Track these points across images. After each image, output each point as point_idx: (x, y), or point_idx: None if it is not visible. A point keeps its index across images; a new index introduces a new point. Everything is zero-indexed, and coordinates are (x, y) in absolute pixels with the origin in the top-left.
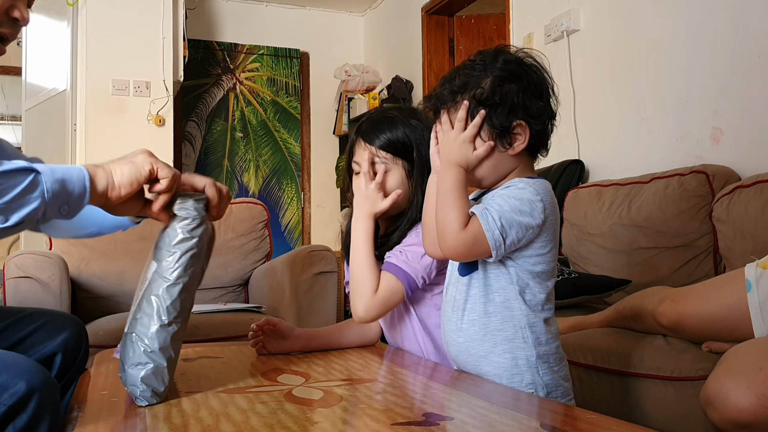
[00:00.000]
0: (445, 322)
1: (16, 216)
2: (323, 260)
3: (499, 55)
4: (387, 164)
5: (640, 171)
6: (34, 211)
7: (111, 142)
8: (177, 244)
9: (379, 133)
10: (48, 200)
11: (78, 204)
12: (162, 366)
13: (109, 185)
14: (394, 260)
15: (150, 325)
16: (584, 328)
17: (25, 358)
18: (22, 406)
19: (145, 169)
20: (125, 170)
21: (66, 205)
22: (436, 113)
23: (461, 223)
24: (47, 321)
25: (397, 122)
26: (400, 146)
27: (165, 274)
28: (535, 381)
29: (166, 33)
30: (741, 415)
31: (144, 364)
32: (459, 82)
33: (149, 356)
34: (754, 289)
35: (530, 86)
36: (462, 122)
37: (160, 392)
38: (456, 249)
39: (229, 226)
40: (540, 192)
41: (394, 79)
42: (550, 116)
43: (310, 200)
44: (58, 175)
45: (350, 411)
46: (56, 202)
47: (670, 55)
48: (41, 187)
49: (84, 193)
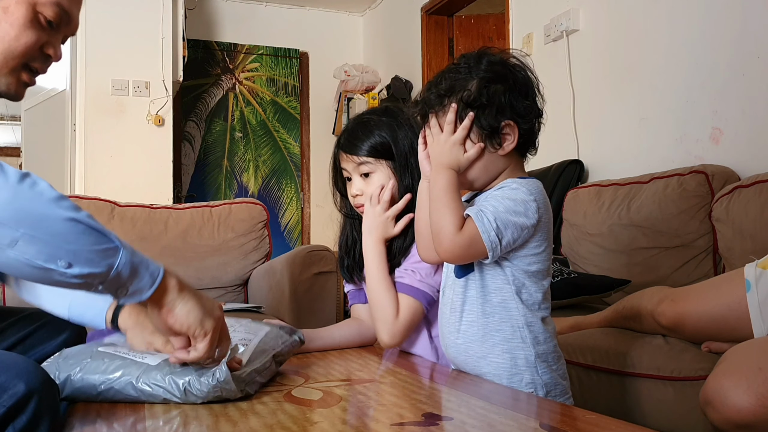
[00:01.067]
0: (443, 324)
1: (79, 269)
2: (323, 260)
3: (483, 56)
4: (371, 167)
5: (639, 171)
6: (94, 276)
7: (110, 142)
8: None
9: (357, 142)
10: (111, 275)
11: (135, 293)
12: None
13: (169, 305)
14: (408, 281)
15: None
16: (584, 328)
17: (24, 358)
18: (21, 407)
19: (206, 328)
20: (192, 314)
21: (124, 289)
22: (424, 118)
23: (456, 226)
24: (47, 321)
25: (372, 126)
26: (379, 147)
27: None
28: (534, 380)
29: (166, 33)
30: (740, 415)
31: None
32: (445, 85)
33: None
34: (753, 289)
35: (516, 86)
36: (451, 125)
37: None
38: (452, 252)
39: (228, 226)
40: (533, 192)
41: (393, 79)
42: (537, 115)
43: (309, 200)
44: (137, 260)
45: (350, 411)
46: (117, 282)
47: (669, 55)
48: (118, 259)
49: (148, 290)
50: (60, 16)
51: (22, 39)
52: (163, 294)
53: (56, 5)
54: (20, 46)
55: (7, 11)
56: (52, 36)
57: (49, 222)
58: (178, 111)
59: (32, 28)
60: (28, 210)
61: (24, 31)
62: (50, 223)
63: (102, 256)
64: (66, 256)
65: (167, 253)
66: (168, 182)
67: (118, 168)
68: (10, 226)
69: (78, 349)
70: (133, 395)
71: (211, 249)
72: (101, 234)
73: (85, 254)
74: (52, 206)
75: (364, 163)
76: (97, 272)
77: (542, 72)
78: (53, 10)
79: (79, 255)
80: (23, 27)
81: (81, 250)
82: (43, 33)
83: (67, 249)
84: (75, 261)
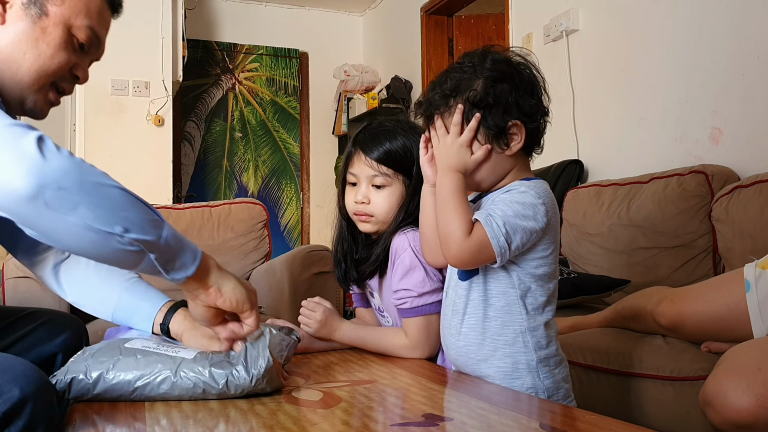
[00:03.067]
0: (445, 326)
1: (135, 234)
2: (322, 260)
3: (487, 55)
4: (387, 179)
5: (639, 171)
6: (148, 244)
7: (110, 142)
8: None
9: (378, 145)
10: (162, 244)
11: (181, 268)
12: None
13: (216, 285)
14: (408, 305)
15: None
16: (583, 328)
17: (22, 361)
18: (16, 413)
19: (252, 301)
20: (237, 290)
21: (172, 262)
22: (429, 119)
23: (465, 231)
24: (47, 321)
25: (397, 135)
26: (400, 159)
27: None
28: (536, 385)
29: (165, 33)
30: (740, 415)
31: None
32: (450, 85)
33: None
34: (753, 289)
35: (522, 84)
36: (458, 126)
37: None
38: (461, 257)
39: (228, 226)
40: (541, 195)
41: (393, 79)
42: (544, 113)
43: (309, 200)
44: (179, 235)
45: (350, 412)
46: (167, 252)
47: (669, 55)
48: (164, 231)
49: (191, 265)
50: (92, 40)
51: (56, 59)
52: (207, 273)
53: (89, 29)
54: (54, 65)
55: (45, 31)
56: (82, 59)
57: (105, 189)
58: (177, 111)
59: (66, 50)
60: (86, 178)
61: (59, 51)
62: (107, 190)
63: (152, 225)
64: (122, 222)
65: None
66: (168, 182)
67: (118, 168)
68: (72, 191)
69: (104, 346)
70: (169, 392)
71: (211, 249)
72: (147, 206)
73: (139, 221)
74: (105, 177)
75: (381, 175)
76: (150, 239)
77: (542, 72)
78: (86, 34)
79: (134, 222)
80: (58, 48)
81: (135, 218)
82: (74, 55)
83: (122, 215)
84: (131, 227)
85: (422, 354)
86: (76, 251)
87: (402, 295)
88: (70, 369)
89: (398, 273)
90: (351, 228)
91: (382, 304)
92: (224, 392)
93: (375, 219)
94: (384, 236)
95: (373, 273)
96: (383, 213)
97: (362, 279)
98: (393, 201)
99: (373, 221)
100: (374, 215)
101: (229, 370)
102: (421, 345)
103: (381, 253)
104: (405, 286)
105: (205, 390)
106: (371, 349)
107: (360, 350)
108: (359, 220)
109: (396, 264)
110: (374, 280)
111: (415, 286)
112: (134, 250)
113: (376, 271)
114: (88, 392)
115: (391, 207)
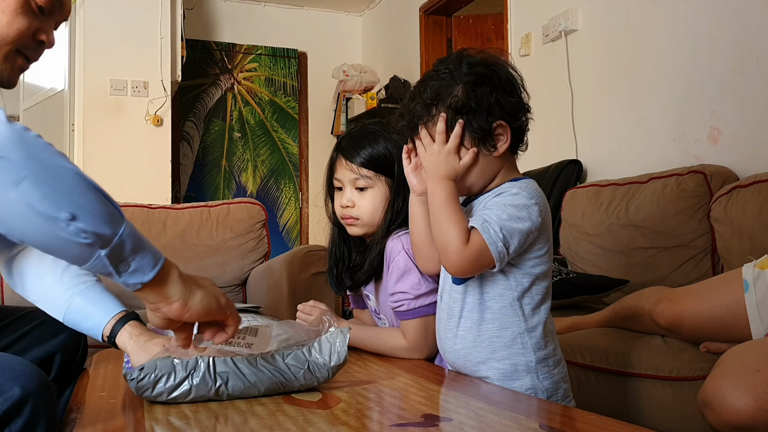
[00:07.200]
0: (440, 330)
1: (83, 224)
2: (321, 260)
3: (462, 59)
4: (369, 181)
5: (638, 171)
6: (99, 237)
7: (109, 142)
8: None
9: (359, 150)
10: (116, 240)
11: (137, 271)
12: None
13: (182, 299)
14: (405, 307)
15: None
16: (582, 328)
17: (21, 360)
18: (17, 411)
19: (222, 304)
20: (204, 299)
21: (126, 264)
22: (413, 130)
23: (462, 240)
24: (46, 321)
25: (378, 137)
26: (382, 162)
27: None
28: (535, 385)
29: (164, 33)
30: (738, 417)
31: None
32: (430, 94)
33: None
34: (751, 290)
35: (501, 84)
36: (443, 134)
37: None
38: (461, 266)
39: (227, 226)
40: (533, 195)
41: (392, 79)
42: (526, 111)
43: (308, 200)
44: (141, 236)
45: (349, 413)
46: (121, 251)
47: (668, 54)
48: (121, 228)
49: (150, 271)
50: (52, 3)
51: (15, 25)
52: (166, 283)
53: None
54: (12, 32)
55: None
56: (45, 22)
57: (56, 169)
58: (176, 111)
59: (24, 15)
60: (35, 153)
61: (16, 17)
62: (58, 170)
63: (107, 219)
64: (70, 207)
65: (166, 253)
66: (166, 182)
67: (117, 168)
68: (16, 163)
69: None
70: (240, 386)
71: (210, 249)
72: (107, 198)
73: (91, 211)
74: (60, 157)
75: (362, 177)
76: (101, 233)
77: (540, 72)
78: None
79: (85, 209)
80: (15, 13)
81: (86, 206)
82: (35, 19)
83: (72, 200)
84: (80, 214)
85: (420, 355)
86: (18, 237)
87: (398, 298)
88: (158, 367)
89: (393, 276)
90: (343, 233)
91: (378, 307)
92: (301, 384)
93: (361, 221)
94: (377, 241)
95: (367, 280)
96: (368, 215)
97: (357, 286)
98: (377, 202)
99: (359, 224)
100: (360, 218)
101: (307, 363)
102: (420, 346)
103: (375, 260)
104: (401, 288)
105: (281, 382)
106: (370, 350)
107: (359, 351)
108: (347, 224)
109: (391, 267)
110: (369, 284)
111: (411, 288)
112: (82, 243)
113: (370, 278)
114: (167, 393)
115: (376, 208)
